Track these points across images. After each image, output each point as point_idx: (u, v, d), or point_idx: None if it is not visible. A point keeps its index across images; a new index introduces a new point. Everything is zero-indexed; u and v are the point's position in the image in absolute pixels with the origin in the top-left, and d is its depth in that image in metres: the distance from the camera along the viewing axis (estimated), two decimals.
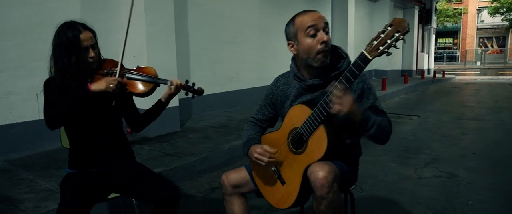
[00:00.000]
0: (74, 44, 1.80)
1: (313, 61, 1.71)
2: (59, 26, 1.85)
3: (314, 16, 1.71)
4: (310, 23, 1.68)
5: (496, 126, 5.88)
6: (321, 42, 1.67)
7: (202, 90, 2.07)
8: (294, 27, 1.76)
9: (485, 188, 3.22)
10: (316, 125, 1.61)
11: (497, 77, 16.92)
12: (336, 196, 1.59)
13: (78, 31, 1.82)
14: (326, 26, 1.71)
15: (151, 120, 2.12)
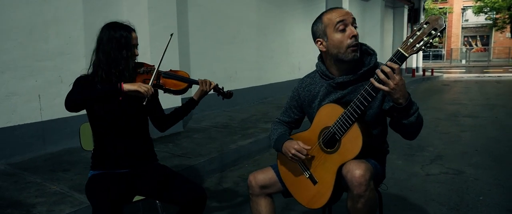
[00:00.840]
0: (127, 40, 1.88)
1: (344, 56, 1.70)
2: (106, 25, 1.93)
3: (342, 12, 1.71)
4: (339, 18, 1.68)
5: (492, 123, 6.00)
6: (351, 36, 1.67)
7: (232, 94, 2.18)
8: (322, 25, 1.74)
9: (493, 184, 3.28)
10: (350, 123, 1.60)
11: (483, 75, 17.26)
12: (372, 194, 1.59)
13: (129, 30, 1.91)
14: (354, 21, 1.71)
15: (179, 119, 2.16)
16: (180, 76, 2.08)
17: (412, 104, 1.60)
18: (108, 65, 1.87)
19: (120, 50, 1.88)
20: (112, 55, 1.87)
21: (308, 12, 9.31)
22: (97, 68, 1.90)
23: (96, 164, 1.95)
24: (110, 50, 1.87)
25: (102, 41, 1.89)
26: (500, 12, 27.41)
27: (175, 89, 2.05)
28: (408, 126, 1.63)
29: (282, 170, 1.91)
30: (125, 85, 1.76)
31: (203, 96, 2.11)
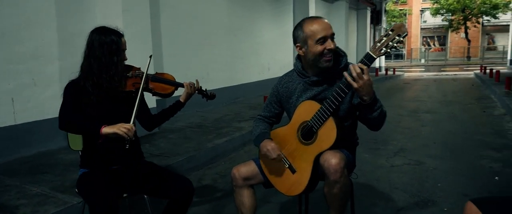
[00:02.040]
0: (118, 46, 1.95)
1: (320, 64, 1.89)
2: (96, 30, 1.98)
3: (324, 27, 1.86)
4: (321, 34, 1.84)
5: (449, 118, 6.45)
6: (329, 49, 1.85)
7: (215, 95, 2.34)
8: (304, 33, 1.90)
9: (449, 172, 3.61)
10: (326, 117, 1.80)
11: (441, 74, 18.24)
12: (347, 180, 1.81)
13: (119, 36, 1.97)
14: (332, 35, 1.89)
15: (165, 119, 2.26)
16: (167, 80, 2.18)
17: (376, 102, 1.81)
18: (99, 70, 1.94)
19: (111, 56, 1.94)
20: (103, 61, 1.93)
21: (277, 14, 9.56)
22: (88, 74, 1.95)
23: (86, 162, 2.03)
24: (101, 55, 1.93)
25: (93, 46, 1.95)
26: (455, 14, 28.98)
27: (164, 93, 2.16)
28: (372, 119, 1.85)
29: (263, 162, 2.08)
30: (104, 129, 1.80)
31: (189, 98, 2.24)
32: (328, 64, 1.88)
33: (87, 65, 1.97)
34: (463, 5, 27.80)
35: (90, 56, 1.96)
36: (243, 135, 4.78)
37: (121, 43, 1.99)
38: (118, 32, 2.01)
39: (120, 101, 2.01)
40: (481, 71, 15.15)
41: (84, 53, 2.00)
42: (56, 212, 2.54)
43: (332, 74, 1.94)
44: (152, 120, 2.23)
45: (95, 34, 1.98)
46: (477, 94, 9.51)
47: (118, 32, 2.02)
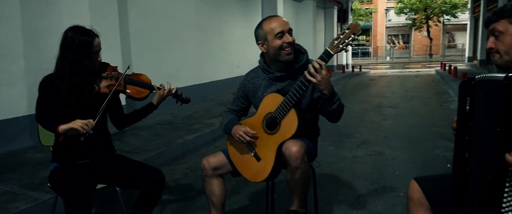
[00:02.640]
0: (89, 48, 1.95)
1: (281, 57, 2.04)
2: (70, 29, 1.98)
3: (281, 23, 2.04)
4: (279, 29, 2.01)
5: (409, 112, 6.81)
6: (288, 42, 2.01)
7: (189, 100, 2.40)
8: (263, 31, 2.06)
9: (407, 161, 3.86)
10: (288, 108, 1.95)
11: (404, 71, 18.98)
12: (307, 167, 1.96)
13: (92, 37, 1.97)
14: (290, 30, 2.05)
15: (137, 120, 2.31)
16: (143, 84, 2.21)
17: (334, 95, 1.98)
18: (70, 72, 1.95)
19: (82, 58, 1.95)
20: (74, 63, 1.94)
21: (246, 13, 9.68)
22: (61, 73, 1.97)
23: (58, 156, 2.07)
24: (72, 57, 1.94)
25: (65, 46, 1.96)
26: (417, 13, 30.14)
27: (138, 97, 2.19)
28: (331, 112, 2.01)
29: (231, 151, 2.20)
30: (61, 127, 1.84)
31: (162, 101, 2.28)
32: (288, 57, 2.02)
33: (60, 65, 1.98)
34: (425, 4, 28.96)
35: (63, 56, 1.97)
36: (213, 131, 4.89)
37: (93, 45, 1.98)
38: (93, 33, 2.01)
39: (93, 101, 2.04)
40: (442, 68, 15.91)
41: (59, 52, 2.01)
42: (27, 209, 2.56)
43: (294, 70, 2.08)
44: (124, 119, 2.27)
45: (68, 33, 1.98)
46: (437, 90, 10.02)
47: (92, 32, 2.01)
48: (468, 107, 1.34)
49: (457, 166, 1.39)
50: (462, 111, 1.36)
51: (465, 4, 27.80)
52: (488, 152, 1.26)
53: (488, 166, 1.25)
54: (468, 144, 1.34)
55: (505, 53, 1.40)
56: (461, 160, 1.36)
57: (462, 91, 1.37)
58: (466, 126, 1.34)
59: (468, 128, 1.33)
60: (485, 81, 1.29)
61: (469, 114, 1.33)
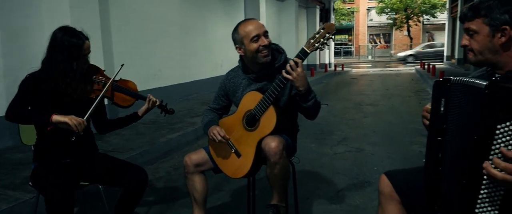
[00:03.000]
0: (78, 51, 1.94)
1: (258, 60, 2.11)
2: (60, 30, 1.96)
3: (256, 26, 2.08)
4: (255, 33, 2.06)
5: (389, 109, 6.98)
6: (263, 45, 2.07)
7: (173, 111, 2.43)
8: (239, 35, 2.12)
9: (385, 157, 3.98)
10: (267, 105, 2.01)
11: (385, 69, 19.32)
12: (286, 162, 2.03)
13: (81, 40, 1.96)
14: (265, 32, 2.10)
15: (119, 127, 2.34)
16: (130, 92, 2.21)
17: (310, 92, 2.05)
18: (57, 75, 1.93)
19: (71, 62, 1.93)
20: (62, 67, 1.93)
21: (228, 12, 9.72)
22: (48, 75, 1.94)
23: (40, 156, 2.08)
24: (61, 60, 1.92)
25: (54, 48, 1.94)
26: (398, 13, 30.70)
27: (123, 105, 2.19)
28: (307, 108, 2.08)
29: (212, 149, 2.25)
30: (55, 117, 1.84)
31: (147, 113, 2.31)
32: (266, 59, 2.09)
33: (47, 66, 1.96)
34: (405, 4, 29.52)
35: (51, 58, 1.95)
36: (196, 130, 4.92)
37: (83, 48, 1.96)
38: (83, 35, 1.99)
39: (78, 104, 2.03)
40: (421, 67, 16.27)
41: (46, 52, 1.98)
42: (8, 208, 2.55)
43: (273, 70, 2.14)
44: (107, 124, 2.28)
45: (58, 34, 1.95)
46: (416, 88, 10.27)
47: (82, 35, 1.99)
48: (442, 108, 1.32)
49: (430, 165, 1.38)
50: (436, 111, 1.34)
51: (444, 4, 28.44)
52: (463, 156, 1.24)
53: (463, 170, 1.23)
54: (441, 145, 1.33)
55: (479, 53, 1.40)
56: (434, 160, 1.35)
57: (437, 91, 1.35)
58: (440, 127, 1.32)
59: (442, 129, 1.32)
60: (462, 85, 1.26)
61: (443, 115, 1.31)
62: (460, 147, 1.26)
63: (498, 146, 1.10)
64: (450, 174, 1.31)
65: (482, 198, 1.17)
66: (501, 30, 1.33)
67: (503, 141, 1.09)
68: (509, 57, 1.35)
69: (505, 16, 1.31)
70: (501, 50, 1.35)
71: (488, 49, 1.36)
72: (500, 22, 1.32)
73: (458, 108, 1.27)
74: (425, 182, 1.42)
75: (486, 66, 1.45)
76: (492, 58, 1.37)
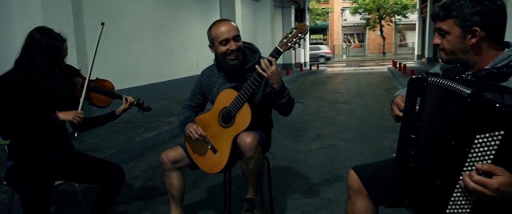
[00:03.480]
0: (58, 55, 1.94)
1: (226, 62, 2.18)
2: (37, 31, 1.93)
3: (227, 29, 2.12)
4: (224, 37, 2.11)
5: (361, 107, 7.18)
6: (231, 49, 2.12)
7: (150, 108, 2.47)
8: (211, 36, 2.18)
9: (357, 153, 4.13)
10: (242, 102, 2.08)
11: (359, 68, 19.76)
12: (261, 156, 2.10)
13: (60, 42, 1.94)
14: (235, 36, 2.14)
15: (96, 126, 2.35)
16: (108, 92, 2.23)
17: (284, 89, 2.13)
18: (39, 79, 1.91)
19: (53, 66, 1.91)
20: (43, 70, 1.90)
21: (204, 11, 9.72)
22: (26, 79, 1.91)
23: (15, 155, 2.06)
24: (41, 64, 1.88)
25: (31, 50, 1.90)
26: (371, 13, 31.40)
27: (101, 105, 2.21)
28: (282, 105, 2.16)
29: (189, 146, 2.30)
30: (61, 115, 1.87)
31: (124, 112, 2.34)
32: (234, 63, 2.16)
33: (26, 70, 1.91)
34: (378, 5, 30.24)
35: (30, 61, 1.90)
36: (172, 129, 4.93)
37: (62, 50, 1.95)
38: (61, 37, 1.96)
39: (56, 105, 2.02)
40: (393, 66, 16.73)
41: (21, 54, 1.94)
42: None
43: (248, 69, 2.21)
44: (84, 124, 2.25)
45: (35, 35, 1.91)
46: (387, 86, 10.58)
47: (60, 37, 1.96)
48: (417, 107, 1.31)
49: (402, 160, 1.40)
50: (411, 108, 1.34)
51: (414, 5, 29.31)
52: (437, 157, 1.24)
53: (437, 171, 1.24)
54: (414, 143, 1.33)
55: (450, 53, 1.41)
56: (406, 156, 1.37)
57: (413, 89, 1.35)
58: (414, 125, 1.33)
59: (417, 128, 1.32)
60: (440, 87, 1.25)
61: (418, 114, 1.31)
62: (434, 147, 1.26)
63: (475, 155, 1.11)
64: (421, 171, 1.33)
65: (454, 201, 1.19)
66: (472, 31, 1.34)
67: (481, 151, 1.09)
68: (479, 57, 1.38)
69: (476, 17, 1.32)
70: (471, 50, 1.37)
71: (459, 49, 1.38)
72: (471, 23, 1.33)
73: (435, 110, 1.27)
74: (395, 175, 1.45)
75: (457, 64, 1.48)
76: (463, 57, 1.40)
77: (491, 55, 1.37)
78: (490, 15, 1.32)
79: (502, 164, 1.06)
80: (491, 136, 1.06)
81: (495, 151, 1.05)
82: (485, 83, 1.29)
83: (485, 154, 1.08)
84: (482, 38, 1.35)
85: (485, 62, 1.38)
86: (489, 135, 1.06)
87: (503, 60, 1.34)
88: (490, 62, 1.37)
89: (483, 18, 1.32)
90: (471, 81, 1.30)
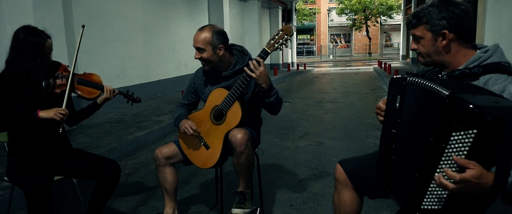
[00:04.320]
0: (41, 50, 2.02)
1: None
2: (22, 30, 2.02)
3: (195, 39, 2.29)
4: (193, 44, 2.31)
5: (347, 106, 7.37)
6: (197, 58, 2.31)
7: (140, 99, 2.52)
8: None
9: (343, 149, 4.29)
10: (233, 100, 2.20)
11: (346, 68, 20.04)
12: (251, 151, 2.23)
13: (43, 39, 2.04)
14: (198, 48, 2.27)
15: (86, 117, 2.44)
16: (94, 84, 2.29)
17: (272, 89, 2.26)
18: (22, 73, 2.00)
19: (35, 59, 2.00)
20: (26, 65, 2.00)
21: (192, 12, 9.80)
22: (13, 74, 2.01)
23: (14, 151, 2.15)
24: (25, 58, 1.99)
25: (16, 48, 2.00)
26: (357, 14, 31.80)
27: (89, 97, 2.28)
28: (270, 103, 2.30)
29: (182, 141, 2.41)
30: (41, 113, 1.96)
31: (107, 101, 2.40)
32: (206, 68, 2.35)
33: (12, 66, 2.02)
34: (364, 6, 30.64)
35: (15, 58, 2.01)
36: (163, 127, 5.02)
37: (45, 46, 2.04)
38: (44, 34, 2.07)
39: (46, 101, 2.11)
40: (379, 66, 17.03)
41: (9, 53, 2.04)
42: None
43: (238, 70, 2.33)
44: (75, 116, 2.37)
45: (20, 34, 2.01)
46: (373, 86, 10.81)
47: (44, 33, 2.07)
48: (398, 104, 1.43)
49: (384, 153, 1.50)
50: (392, 105, 1.45)
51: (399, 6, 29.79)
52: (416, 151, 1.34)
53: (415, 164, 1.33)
54: (395, 137, 1.45)
55: (426, 56, 1.55)
56: (388, 149, 1.48)
57: (393, 87, 1.46)
58: (395, 120, 1.44)
59: (397, 123, 1.43)
60: (418, 86, 1.34)
61: (398, 111, 1.42)
62: (413, 142, 1.37)
63: (451, 151, 1.20)
64: (401, 163, 1.44)
65: (431, 191, 1.28)
66: (441, 34, 1.48)
67: (456, 147, 1.18)
68: (452, 57, 1.52)
69: (443, 22, 1.47)
70: (443, 51, 1.51)
71: (433, 51, 1.53)
72: (440, 27, 1.48)
73: (413, 107, 1.38)
74: (378, 167, 1.55)
75: (434, 66, 1.63)
76: (438, 59, 1.54)
77: (462, 54, 1.52)
78: (455, 18, 1.47)
79: (475, 159, 1.17)
80: (466, 134, 1.16)
81: (469, 147, 1.16)
82: (460, 84, 1.41)
83: (460, 149, 1.18)
84: (452, 39, 1.49)
85: (458, 61, 1.52)
86: (463, 133, 1.16)
87: (474, 61, 1.49)
88: (462, 61, 1.52)
89: (450, 21, 1.47)
90: (447, 81, 1.40)
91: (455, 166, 1.19)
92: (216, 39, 2.25)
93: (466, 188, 1.18)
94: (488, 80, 1.43)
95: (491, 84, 1.42)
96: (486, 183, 1.17)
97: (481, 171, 1.16)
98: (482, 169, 1.17)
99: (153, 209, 2.79)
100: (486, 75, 1.44)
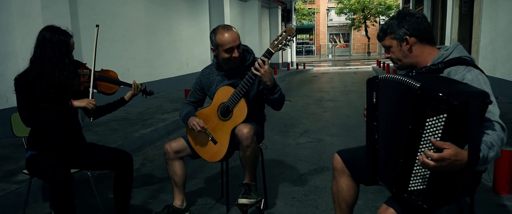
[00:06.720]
0: (66, 48, 2.17)
1: (226, 65, 2.46)
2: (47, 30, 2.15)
3: (232, 38, 2.35)
4: (229, 45, 2.35)
5: (346, 104, 7.51)
6: (234, 57, 2.39)
7: (153, 92, 2.69)
8: (216, 41, 2.39)
9: (342, 145, 4.42)
10: (239, 98, 2.35)
11: (345, 68, 20.18)
12: (256, 145, 2.37)
13: (68, 37, 2.19)
14: (239, 45, 2.40)
15: (108, 112, 2.57)
16: (112, 79, 2.45)
17: (276, 86, 2.40)
18: (52, 70, 2.13)
19: (63, 57, 2.15)
20: (55, 61, 2.13)
21: (193, 13, 9.93)
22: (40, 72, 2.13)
23: (34, 145, 2.28)
24: (52, 56, 2.12)
25: (44, 46, 2.13)
26: (356, 13, 31.97)
27: (108, 92, 2.43)
28: (274, 100, 2.44)
29: (190, 137, 2.55)
30: (75, 103, 2.12)
31: (133, 98, 2.54)
32: (234, 65, 2.44)
33: (39, 64, 2.14)
34: (362, 5, 30.83)
35: (41, 56, 2.13)
36: (167, 125, 5.16)
37: (70, 44, 2.20)
38: (68, 33, 2.21)
39: (70, 96, 2.25)
40: (378, 65, 17.19)
41: (34, 51, 2.17)
42: None
43: (243, 68, 2.48)
44: (97, 111, 2.47)
45: (46, 33, 2.14)
46: None
47: (68, 33, 2.21)
48: (374, 100, 1.63)
49: (369, 144, 1.69)
50: (370, 101, 1.65)
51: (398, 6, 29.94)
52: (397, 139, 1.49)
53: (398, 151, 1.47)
54: (376, 128, 1.64)
55: (398, 60, 1.80)
56: (372, 140, 1.67)
57: (369, 86, 1.67)
58: (374, 114, 1.64)
59: (375, 116, 1.64)
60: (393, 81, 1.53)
61: (375, 105, 1.63)
62: (393, 131, 1.54)
63: (427, 135, 1.36)
64: (386, 152, 1.60)
65: (415, 173, 1.43)
66: (404, 40, 1.74)
67: (431, 131, 1.34)
68: (418, 57, 1.76)
69: (403, 29, 1.73)
70: (410, 54, 1.76)
71: (401, 55, 1.78)
72: (401, 34, 1.74)
73: (390, 100, 1.56)
74: (366, 157, 1.72)
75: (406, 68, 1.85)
76: (407, 61, 1.79)
77: (427, 53, 1.75)
78: (413, 25, 1.72)
79: (449, 139, 1.33)
80: (438, 119, 1.32)
81: (442, 130, 1.33)
82: (428, 77, 1.63)
83: (435, 133, 1.34)
84: (414, 42, 1.74)
85: (425, 60, 1.75)
86: (436, 118, 1.33)
87: (438, 59, 1.72)
88: (429, 60, 1.74)
89: (409, 28, 1.73)
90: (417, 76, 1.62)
91: (433, 148, 1.35)
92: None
93: (446, 166, 1.33)
94: (450, 72, 1.64)
95: (452, 75, 1.63)
96: (462, 159, 1.34)
97: (456, 149, 1.33)
98: (457, 148, 1.33)
99: (162, 202, 2.93)
100: (447, 68, 1.66)
